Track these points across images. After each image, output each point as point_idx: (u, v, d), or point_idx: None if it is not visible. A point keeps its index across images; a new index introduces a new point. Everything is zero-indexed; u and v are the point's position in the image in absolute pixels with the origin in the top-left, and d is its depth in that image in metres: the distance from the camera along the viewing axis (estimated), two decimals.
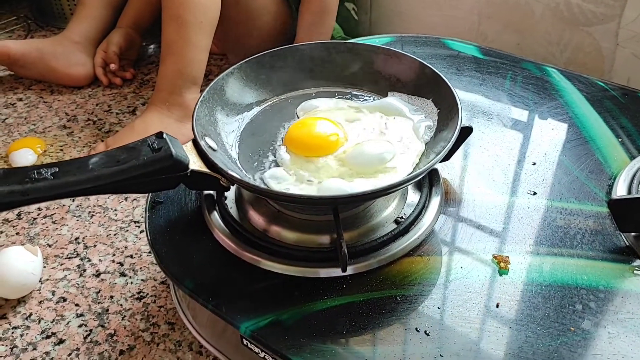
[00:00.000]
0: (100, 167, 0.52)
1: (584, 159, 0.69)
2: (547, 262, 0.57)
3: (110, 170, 0.51)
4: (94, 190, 0.52)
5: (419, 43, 0.91)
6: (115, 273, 0.77)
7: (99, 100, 1.14)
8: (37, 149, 0.97)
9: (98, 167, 0.52)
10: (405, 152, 0.61)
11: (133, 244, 0.81)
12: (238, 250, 0.59)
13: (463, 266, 0.57)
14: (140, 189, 0.55)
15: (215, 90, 0.65)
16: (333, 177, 0.58)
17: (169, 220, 0.64)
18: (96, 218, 0.86)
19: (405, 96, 0.67)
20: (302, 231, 0.60)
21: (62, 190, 0.50)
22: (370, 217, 0.61)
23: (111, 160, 0.52)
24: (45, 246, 0.82)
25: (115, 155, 0.53)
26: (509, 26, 1.07)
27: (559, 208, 0.63)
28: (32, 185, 0.49)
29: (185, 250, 0.61)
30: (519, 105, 0.78)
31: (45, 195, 0.50)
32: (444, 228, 0.62)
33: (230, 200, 0.65)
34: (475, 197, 0.65)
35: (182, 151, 0.54)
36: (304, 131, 0.62)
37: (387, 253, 0.58)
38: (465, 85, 0.82)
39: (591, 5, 0.96)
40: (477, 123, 0.75)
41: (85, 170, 0.51)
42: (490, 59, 0.87)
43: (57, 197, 0.51)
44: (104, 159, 0.52)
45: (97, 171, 0.51)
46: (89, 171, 0.51)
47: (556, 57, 1.03)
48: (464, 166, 0.69)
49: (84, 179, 0.51)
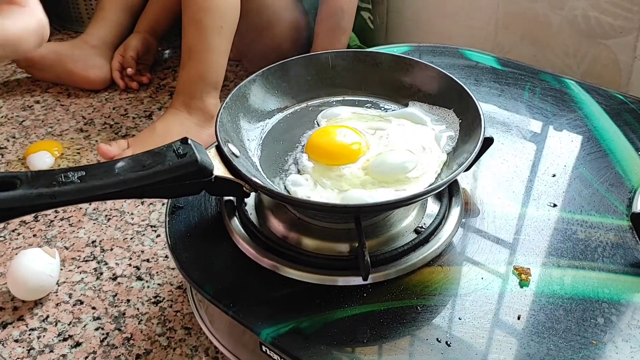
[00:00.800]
0: (126, 171, 0.52)
1: (604, 171, 0.69)
2: (568, 274, 0.57)
3: (136, 175, 0.52)
4: (119, 195, 0.52)
5: (437, 53, 0.91)
6: (132, 277, 0.77)
7: (116, 104, 1.14)
8: (54, 152, 0.98)
9: (124, 171, 0.52)
10: (427, 162, 0.61)
11: (149, 248, 0.82)
12: (258, 257, 0.59)
13: (484, 277, 0.57)
14: (165, 194, 0.55)
15: (238, 97, 0.65)
16: (355, 186, 0.59)
17: (189, 225, 0.65)
18: (113, 222, 0.86)
19: (426, 106, 0.67)
20: (322, 239, 0.60)
21: (89, 194, 0.50)
22: (390, 227, 0.61)
23: (137, 165, 0.52)
24: (63, 249, 0.82)
25: (141, 160, 0.53)
26: (526, 37, 1.07)
27: (580, 221, 0.63)
28: (60, 188, 0.50)
29: (206, 255, 0.61)
30: (538, 117, 0.78)
31: (72, 198, 0.50)
32: (464, 239, 0.62)
33: (250, 206, 0.65)
34: (495, 208, 0.65)
35: (206, 157, 0.55)
36: (326, 139, 0.62)
37: (407, 262, 0.58)
38: (483, 96, 0.82)
39: (609, 18, 0.96)
40: (496, 134, 0.75)
41: (112, 175, 0.52)
42: (508, 69, 0.87)
43: (83, 200, 0.51)
44: (129, 163, 0.53)
45: (123, 175, 0.52)
46: (115, 175, 0.52)
47: (573, 69, 1.03)
48: (483, 177, 0.69)
49: (110, 183, 0.51)
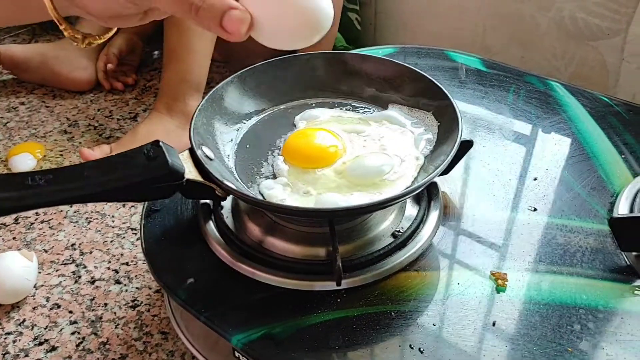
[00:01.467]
0: (95, 174, 0.51)
1: (586, 175, 0.68)
2: (546, 280, 0.56)
3: (105, 178, 0.51)
4: (87, 198, 0.51)
5: (422, 54, 0.90)
6: (110, 280, 0.77)
7: (101, 105, 1.13)
8: (36, 154, 0.97)
9: (93, 174, 0.51)
10: (405, 166, 0.60)
11: (129, 251, 0.81)
12: (233, 261, 0.58)
13: (460, 282, 0.56)
14: (135, 197, 0.54)
15: (214, 99, 0.64)
16: (330, 189, 0.58)
17: (165, 228, 0.64)
18: (93, 224, 0.85)
19: (405, 108, 0.67)
20: (298, 243, 0.59)
21: (56, 198, 0.49)
22: (367, 231, 0.60)
23: (106, 169, 0.51)
24: (42, 252, 0.81)
25: (110, 163, 0.52)
26: (513, 39, 1.06)
27: (560, 225, 0.62)
28: (26, 192, 0.49)
29: (180, 259, 0.60)
30: (522, 120, 0.77)
31: (38, 202, 0.49)
32: (442, 243, 0.61)
33: (227, 210, 0.64)
34: (474, 212, 0.64)
35: (178, 160, 0.54)
36: (303, 142, 0.62)
37: (383, 267, 0.57)
38: (467, 98, 0.81)
39: (597, 19, 0.95)
40: (479, 137, 0.74)
41: (80, 178, 0.51)
42: (493, 71, 0.87)
43: (51, 204, 0.50)
44: (98, 166, 0.52)
45: (92, 179, 0.51)
46: (83, 178, 0.51)
47: (561, 71, 1.02)
48: (464, 180, 0.68)
49: (78, 186, 0.50)
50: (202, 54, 0.96)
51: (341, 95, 0.70)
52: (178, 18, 0.94)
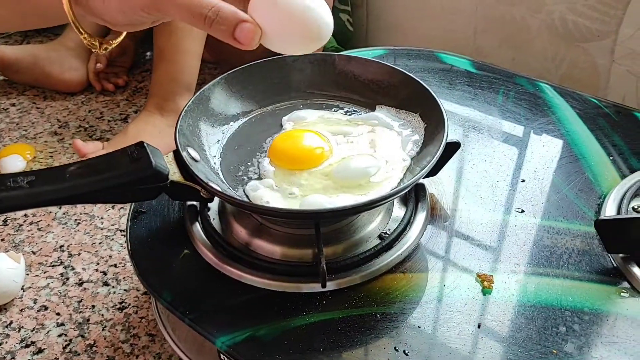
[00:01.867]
0: (77, 176, 0.51)
1: (574, 177, 0.68)
2: (532, 282, 0.56)
3: (87, 180, 0.50)
4: (71, 200, 0.51)
5: (412, 56, 0.90)
6: (98, 282, 0.76)
7: (92, 107, 1.13)
8: (26, 156, 0.97)
9: (75, 176, 0.51)
10: (391, 167, 0.60)
11: (118, 253, 0.81)
12: (219, 264, 0.58)
13: (446, 284, 0.56)
14: (119, 199, 0.54)
15: (200, 100, 0.64)
16: (316, 191, 0.57)
17: (151, 230, 0.63)
18: (82, 226, 0.85)
19: (393, 110, 0.66)
20: (285, 245, 0.59)
21: (38, 199, 0.49)
22: (353, 232, 0.60)
23: (89, 170, 0.51)
24: (30, 253, 0.81)
25: (93, 165, 0.52)
26: (504, 41, 1.06)
27: (547, 227, 0.62)
28: (7, 193, 0.48)
29: (165, 261, 0.60)
30: (511, 121, 0.77)
31: (19, 203, 0.49)
32: (428, 244, 0.61)
33: (214, 211, 0.64)
34: (462, 213, 0.64)
35: (162, 161, 0.54)
36: (289, 143, 0.61)
37: (370, 269, 0.57)
38: (456, 100, 0.81)
39: (587, 21, 0.95)
40: (468, 138, 0.74)
41: (63, 180, 0.50)
42: (483, 73, 0.87)
43: (33, 205, 0.50)
44: (81, 168, 0.51)
45: (74, 180, 0.50)
46: (66, 180, 0.50)
47: (551, 72, 1.02)
48: (452, 182, 0.68)
49: (60, 188, 0.50)
50: (192, 53, 0.96)
51: (328, 96, 0.70)
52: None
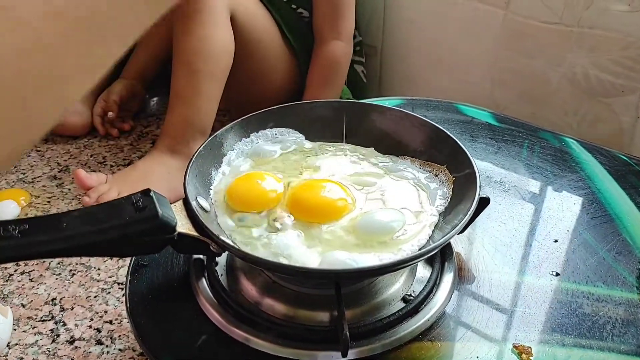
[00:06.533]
0: (76, 225, 0.46)
1: (610, 238, 0.63)
2: (575, 355, 0.51)
3: (86, 230, 0.45)
4: (67, 252, 0.46)
5: (431, 107, 0.87)
6: (92, 340, 0.70)
7: (94, 151, 1.09)
8: (20, 201, 0.92)
9: (74, 225, 0.46)
10: (417, 223, 0.55)
11: (114, 308, 0.75)
12: (226, 325, 0.53)
13: (480, 356, 0.50)
14: (121, 252, 0.49)
15: (212, 146, 0.60)
16: (337, 247, 0.52)
17: (152, 285, 0.58)
18: (77, 277, 0.79)
19: (418, 161, 0.62)
20: (299, 306, 0.54)
21: (30, 251, 0.44)
22: (375, 294, 0.55)
23: (89, 219, 0.46)
24: (19, 306, 0.75)
25: (94, 213, 0.47)
26: (523, 94, 1.03)
27: (586, 293, 0.57)
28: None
29: (167, 321, 0.55)
30: (538, 177, 0.73)
31: (9, 255, 0.44)
32: (457, 309, 0.55)
33: (221, 266, 0.59)
34: (491, 275, 0.59)
35: (169, 211, 0.49)
36: (308, 194, 0.57)
37: (394, 336, 0.51)
38: (479, 153, 0.77)
39: (610, 76, 0.92)
40: (493, 194, 0.69)
41: (59, 229, 0.45)
42: (505, 126, 0.83)
43: (25, 257, 0.45)
44: (81, 216, 0.47)
45: (72, 230, 0.45)
46: (62, 230, 0.45)
47: (573, 128, 0.99)
48: (479, 240, 0.63)
49: (56, 238, 0.45)
50: (210, 97, 0.93)
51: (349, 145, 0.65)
52: (188, 58, 0.91)
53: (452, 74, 1.11)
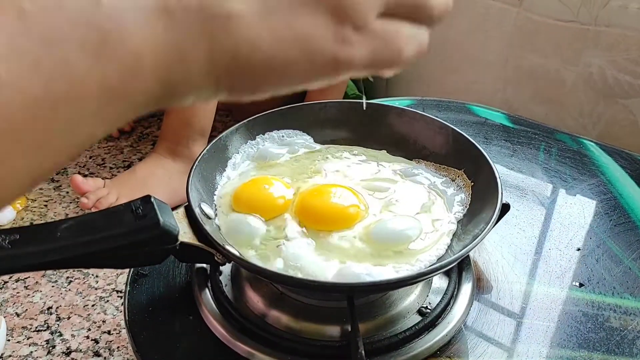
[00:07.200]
0: (71, 235, 0.43)
1: (636, 246, 0.60)
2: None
3: (82, 240, 0.42)
4: (61, 264, 0.43)
5: (442, 107, 0.84)
6: (89, 352, 0.67)
7: (94, 152, 1.06)
8: (16, 205, 0.88)
9: (68, 235, 0.43)
10: (434, 231, 0.52)
11: (112, 317, 0.71)
12: (230, 339, 0.50)
13: None
14: (119, 263, 0.46)
15: (217, 149, 0.57)
16: (349, 257, 0.49)
17: (153, 296, 0.55)
18: (74, 285, 0.76)
19: (433, 165, 0.59)
20: (308, 319, 0.51)
21: (21, 264, 0.41)
22: (389, 306, 0.51)
23: (85, 228, 0.43)
24: (13, 315, 0.72)
25: (90, 222, 0.44)
26: (536, 95, 1.00)
27: (612, 305, 0.53)
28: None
29: (168, 335, 0.52)
30: (556, 181, 0.70)
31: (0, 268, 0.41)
32: (477, 323, 0.52)
33: (226, 276, 0.56)
34: (512, 286, 0.56)
35: (171, 219, 0.45)
36: (318, 200, 0.53)
37: (410, 353, 0.48)
38: (494, 156, 0.74)
39: (628, 76, 0.89)
40: (510, 199, 0.66)
41: (53, 239, 0.42)
42: (520, 127, 0.80)
43: (14, 270, 0.42)
44: (76, 226, 0.43)
45: (67, 240, 0.42)
46: (56, 240, 0.42)
47: (588, 129, 0.96)
48: (497, 248, 0.60)
49: (49, 249, 0.42)
50: None
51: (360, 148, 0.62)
52: None
53: (462, 73, 1.08)
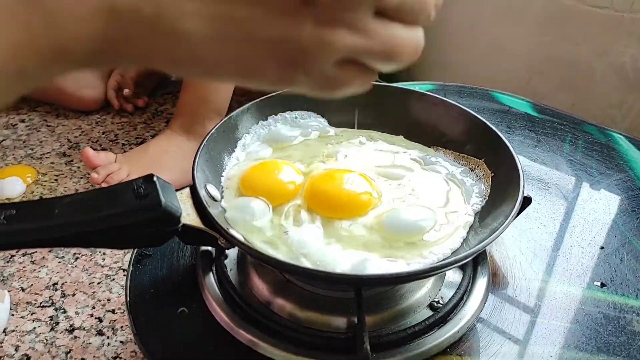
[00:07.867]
0: (69, 213, 0.41)
1: None
2: None
3: (80, 219, 0.40)
4: (57, 242, 0.41)
5: (465, 94, 0.81)
6: (92, 330, 0.66)
7: (107, 128, 1.04)
8: (26, 179, 0.87)
9: (66, 213, 0.41)
10: (450, 223, 0.49)
11: (117, 296, 0.70)
12: (232, 327, 0.48)
13: None
14: (119, 244, 0.44)
15: (226, 129, 0.55)
16: (360, 246, 0.47)
17: (155, 279, 0.53)
18: (81, 261, 0.75)
19: (452, 153, 0.56)
20: (314, 309, 0.49)
21: (15, 240, 0.39)
22: (399, 299, 0.49)
23: (83, 206, 0.41)
24: (18, 290, 0.71)
25: (89, 200, 0.42)
26: (564, 84, 0.96)
27: (636, 308, 0.51)
28: None
29: (169, 319, 0.50)
30: (582, 175, 0.66)
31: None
32: (491, 320, 0.50)
33: (231, 260, 0.54)
34: (530, 283, 0.53)
35: (174, 200, 0.43)
36: (328, 186, 0.51)
37: (418, 349, 0.46)
38: (517, 146, 0.71)
39: None
40: (532, 192, 0.63)
41: (50, 216, 0.40)
42: (545, 117, 0.76)
43: (9, 247, 0.40)
44: (74, 203, 0.42)
45: (64, 218, 0.41)
46: (54, 217, 0.40)
47: (616, 121, 0.92)
48: (516, 243, 0.57)
49: (45, 226, 0.40)
50: None
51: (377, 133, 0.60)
52: None
53: (486, 59, 1.04)
